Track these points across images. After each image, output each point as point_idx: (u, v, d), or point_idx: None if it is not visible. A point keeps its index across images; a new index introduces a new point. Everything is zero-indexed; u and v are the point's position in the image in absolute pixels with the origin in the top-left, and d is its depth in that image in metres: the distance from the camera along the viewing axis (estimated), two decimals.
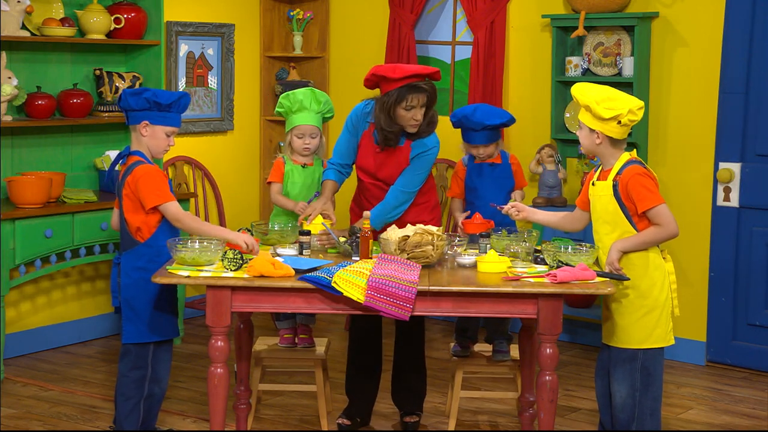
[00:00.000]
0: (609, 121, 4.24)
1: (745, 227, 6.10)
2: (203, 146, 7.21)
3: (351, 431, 5.01)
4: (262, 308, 4.27)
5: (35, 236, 5.81)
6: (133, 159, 4.50)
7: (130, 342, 4.50)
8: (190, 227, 4.49)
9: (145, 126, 4.49)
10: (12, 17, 5.89)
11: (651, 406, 4.29)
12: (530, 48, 6.80)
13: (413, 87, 4.72)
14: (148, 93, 4.46)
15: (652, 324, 4.27)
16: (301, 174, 5.07)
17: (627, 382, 4.29)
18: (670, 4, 6.26)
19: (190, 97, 4.61)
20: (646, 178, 4.24)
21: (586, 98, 4.27)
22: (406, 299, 4.10)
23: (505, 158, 5.17)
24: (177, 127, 4.56)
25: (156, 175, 4.44)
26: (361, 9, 7.46)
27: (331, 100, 5.11)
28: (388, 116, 4.77)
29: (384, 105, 4.76)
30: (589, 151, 4.36)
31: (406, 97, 4.72)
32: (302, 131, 5.02)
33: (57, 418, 5.23)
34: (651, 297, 4.27)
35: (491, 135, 5.06)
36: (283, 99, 5.04)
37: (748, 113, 6.06)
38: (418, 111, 4.77)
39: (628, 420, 4.29)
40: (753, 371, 6.12)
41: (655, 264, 4.28)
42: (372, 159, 4.92)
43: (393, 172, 4.90)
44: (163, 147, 4.55)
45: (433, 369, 5.67)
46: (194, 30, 7.06)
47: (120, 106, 4.55)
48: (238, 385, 4.92)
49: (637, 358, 4.28)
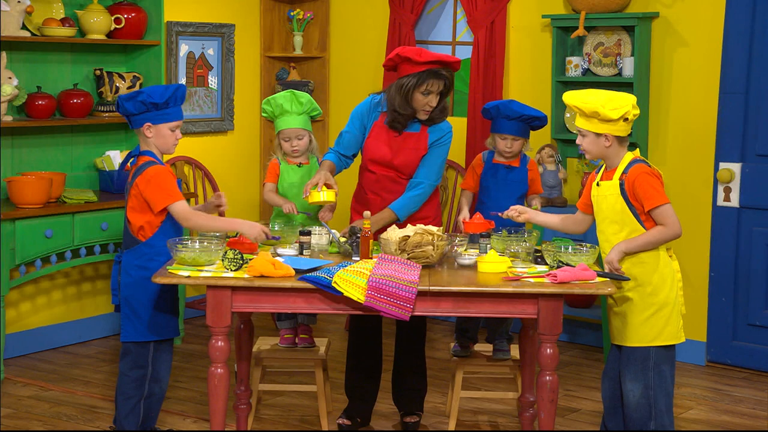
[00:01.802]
0: (617, 122, 4.23)
1: (745, 227, 6.10)
2: (203, 146, 7.21)
3: (351, 431, 5.01)
4: (263, 308, 4.27)
5: (35, 236, 5.81)
6: (144, 159, 4.49)
7: (127, 340, 4.51)
8: (199, 225, 4.48)
9: (148, 127, 4.49)
10: (12, 17, 5.89)
11: (666, 403, 4.29)
12: (530, 48, 6.80)
13: (434, 73, 4.77)
14: (142, 95, 4.45)
15: (662, 321, 4.27)
16: (297, 173, 5.09)
17: (640, 381, 4.28)
18: (670, 4, 6.26)
19: (185, 87, 4.59)
20: (652, 177, 4.25)
21: (590, 105, 4.24)
22: (406, 299, 4.10)
23: (523, 163, 5.17)
24: (180, 120, 4.55)
25: (164, 176, 4.43)
26: (361, 9, 7.46)
27: (313, 99, 5.14)
28: (404, 99, 4.80)
29: (402, 87, 4.80)
30: (597, 156, 4.33)
31: (427, 82, 4.76)
32: (287, 134, 5.07)
33: (57, 418, 5.23)
34: (662, 294, 4.27)
35: (523, 128, 5.09)
36: (264, 104, 5.11)
37: (748, 113, 6.06)
38: (434, 97, 4.81)
39: (642, 419, 4.28)
40: (753, 371, 6.13)
41: (664, 261, 4.29)
42: (387, 146, 4.92)
43: (409, 158, 4.90)
44: (171, 143, 4.55)
45: (433, 369, 5.67)
46: (194, 30, 7.06)
47: (119, 113, 4.54)
48: (239, 385, 4.92)
49: (650, 357, 4.28)
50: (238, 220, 4.53)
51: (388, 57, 4.90)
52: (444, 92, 4.85)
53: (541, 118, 5.12)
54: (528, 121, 5.09)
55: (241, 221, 4.51)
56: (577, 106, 4.30)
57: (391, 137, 4.91)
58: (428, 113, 4.85)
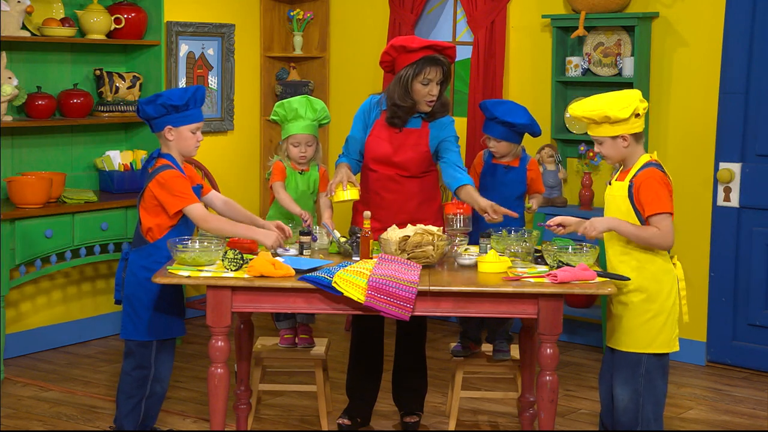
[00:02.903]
0: (629, 119, 4.20)
1: (745, 227, 6.10)
2: (203, 146, 7.19)
3: (351, 431, 5.01)
4: (263, 308, 4.27)
5: (35, 236, 5.81)
6: (160, 162, 4.47)
7: (127, 338, 4.51)
8: (217, 228, 4.45)
9: (169, 130, 4.48)
10: (12, 17, 5.89)
11: (654, 411, 4.27)
12: (530, 48, 6.80)
13: (431, 59, 4.77)
14: (162, 98, 4.44)
15: (656, 329, 4.24)
16: (300, 180, 5.07)
17: (630, 386, 4.26)
18: (670, 4, 6.26)
19: (204, 89, 4.57)
20: (660, 184, 4.20)
21: (599, 111, 4.20)
22: (406, 299, 4.10)
23: (523, 163, 5.17)
24: (201, 122, 4.54)
25: (177, 180, 4.41)
26: (361, 9, 7.47)
27: (326, 107, 5.09)
28: (404, 90, 4.79)
29: (401, 79, 4.79)
30: (618, 159, 4.26)
31: (424, 70, 4.76)
32: (298, 140, 5.00)
33: (57, 418, 5.23)
34: (658, 302, 4.23)
35: (504, 132, 5.06)
36: (278, 107, 5.02)
37: (748, 113, 6.07)
38: (434, 86, 4.80)
39: (630, 423, 4.27)
40: (753, 371, 6.13)
41: (664, 269, 4.25)
42: (388, 144, 4.90)
43: (410, 155, 4.88)
44: (192, 145, 4.53)
45: (433, 369, 5.67)
46: (194, 30, 7.06)
47: (140, 117, 4.53)
48: (238, 385, 4.92)
49: (641, 363, 4.24)
50: (255, 228, 4.51)
51: (383, 52, 4.87)
52: (443, 81, 4.84)
53: (520, 126, 5.04)
54: (508, 126, 5.06)
55: (257, 229, 4.49)
56: (585, 116, 4.25)
57: (392, 134, 4.90)
58: (431, 104, 4.84)
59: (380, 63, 4.95)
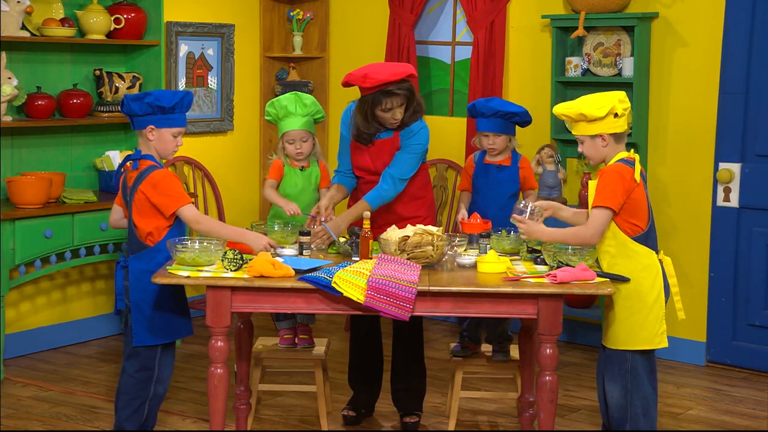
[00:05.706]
0: (606, 118, 4.24)
1: (745, 227, 6.10)
2: (203, 146, 7.21)
3: (356, 422, 5.02)
4: (262, 308, 4.27)
5: (35, 236, 5.81)
6: (146, 164, 4.45)
7: (141, 345, 4.46)
8: (208, 230, 4.45)
9: (151, 130, 4.46)
10: (12, 17, 5.89)
11: (643, 406, 4.30)
12: (530, 48, 6.80)
13: (387, 92, 4.72)
14: (150, 97, 4.42)
15: (637, 326, 4.27)
16: (300, 177, 5.09)
17: (618, 383, 4.31)
18: (670, 5, 6.26)
19: (193, 96, 4.58)
20: (616, 178, 4.21)
21: (575, 109, 4.28)
22: (406, 299, 4.10)
23: (515, 161, 5.17)
24: (183, 127, 4.54)
25: (170, 180, 4.41)
26: (361, 9, 7.47)
27: (323, 106, 5.11)
28: (365, 119, 4.80)
29: (361, 108, 4.80)
30: (599, 159, 4.32)
31: (382, 101, 4.73)
32: (292, 137, 5.04)
33: (57, 418, 5.23)
34: (637, 299, 4.25)
35: (502, 124, 5.07)
36: (268, 107, 5.08)
37: (748, 113, 6.06)
38: (397, 111, 4.78)
39: (621, 420, 4.32)
40: (753, 371, 6.13)
41: (642, 265, 4.26)
42: (367, 155, 4.93)
43: (388, 163, 4.89)
44: (171, 148, 4.52)
45: (433, 369, 5.67)
46: (194, 30, 7.06)
47: (123, 111, 4.52)
48: (238, 385, 4.92)
49: (627, 360, 4.29)
50: (246, 231, 4.51)
51: (342, 82, 4.84)
52: (408, 102, 4.79)
53: (521, 114, 5.08)
54: (506, 117, 5.07)
55: (248, 232, 4.49)
56: (563, 114, 4.33)
57: (369, 145, 4.91)
58: (397, 124, 4.83)
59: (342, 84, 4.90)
